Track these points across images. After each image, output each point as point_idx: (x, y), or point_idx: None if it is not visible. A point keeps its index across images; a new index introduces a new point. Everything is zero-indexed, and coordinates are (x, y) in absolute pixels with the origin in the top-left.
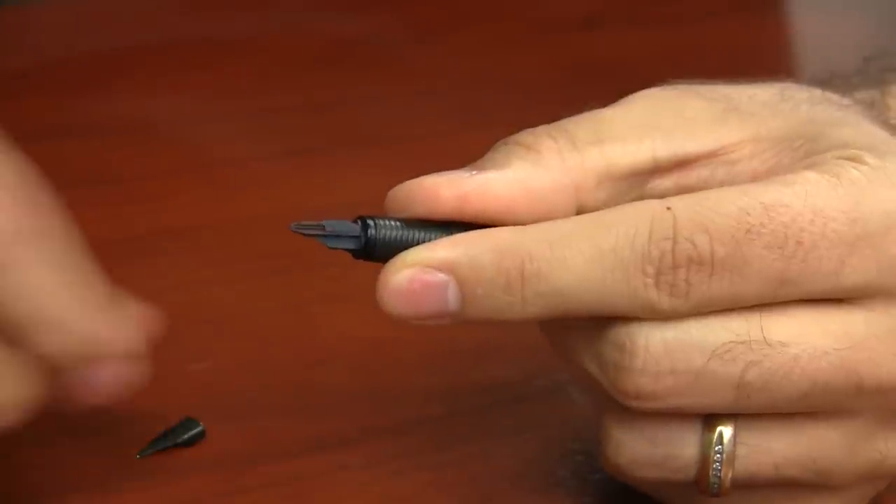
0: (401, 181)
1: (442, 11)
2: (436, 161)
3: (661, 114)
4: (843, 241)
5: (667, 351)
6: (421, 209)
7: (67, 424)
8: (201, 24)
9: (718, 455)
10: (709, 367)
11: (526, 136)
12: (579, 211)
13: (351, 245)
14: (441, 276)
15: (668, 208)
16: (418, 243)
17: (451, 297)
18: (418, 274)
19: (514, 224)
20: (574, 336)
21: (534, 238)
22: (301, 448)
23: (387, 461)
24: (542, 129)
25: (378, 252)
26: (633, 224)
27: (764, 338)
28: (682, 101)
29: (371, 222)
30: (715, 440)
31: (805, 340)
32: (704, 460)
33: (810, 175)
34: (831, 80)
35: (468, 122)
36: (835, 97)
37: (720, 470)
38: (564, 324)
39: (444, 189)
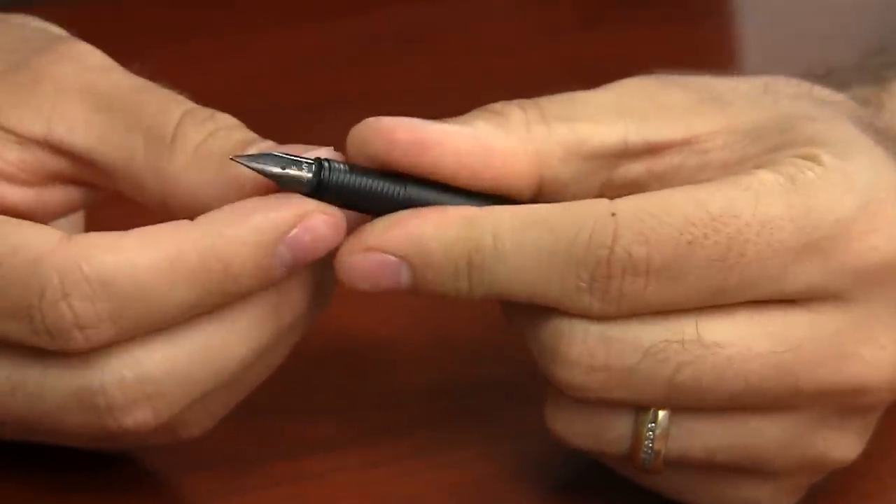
0: None
1: (442, 11)
2: None
3: (637, 100)
4: (788, 249)
5: (603, 346)
6: (376, 150)
7: None
8: (200, 23)
9: (651, 432)
10: (641, 365)
11: (497, 104)
12: (541, 185)
13: (302, 185)
14: (394, 258)
15: (613, 214)
16: (370, 194)
17: (404, 276)
18: (373, 255)
19: (469, 186)
20: (523, 316)
21: (482, 230)
22: (301, 448)
23: (387, 462)
24: (515, 101)
25: (328, 195)
26: (574, 228)
27: (699, 338)
28: (660, 90)
29: (326, 164)
30: (649, 417)
31: (742, 342)
32: (637, 435)
33: (764, 176)
34: (828, 76)
35: None
36: (823, 92)
37: (651, 447)
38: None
39: (401, 132)
